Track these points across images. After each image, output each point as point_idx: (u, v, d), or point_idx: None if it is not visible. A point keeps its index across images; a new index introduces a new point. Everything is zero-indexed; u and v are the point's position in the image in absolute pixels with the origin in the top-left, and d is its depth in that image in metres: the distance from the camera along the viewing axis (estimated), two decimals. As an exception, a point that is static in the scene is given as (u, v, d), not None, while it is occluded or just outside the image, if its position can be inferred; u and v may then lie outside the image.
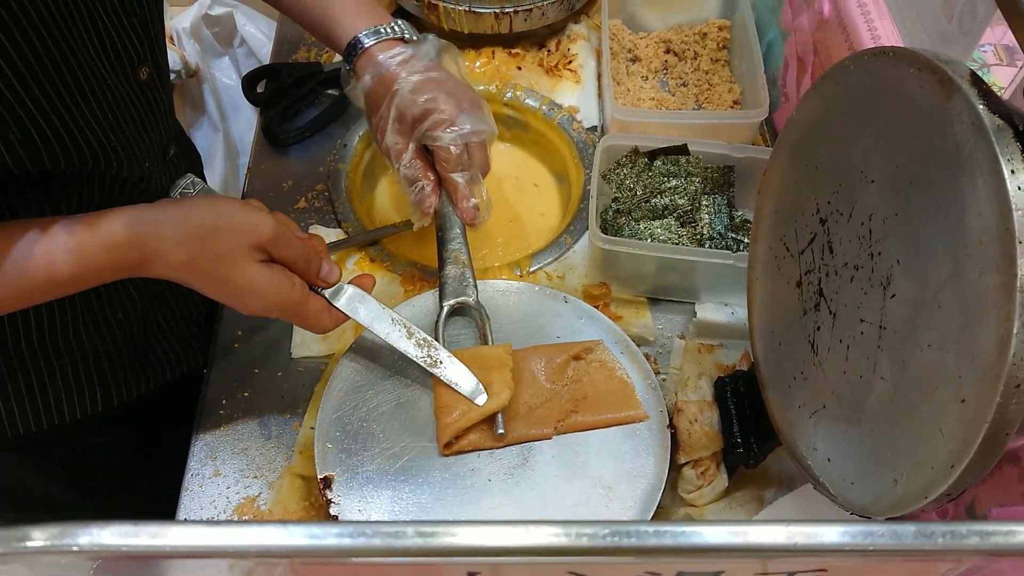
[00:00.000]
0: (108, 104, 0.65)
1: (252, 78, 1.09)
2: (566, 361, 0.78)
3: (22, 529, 0.36)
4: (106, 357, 0.81)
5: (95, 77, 0.63)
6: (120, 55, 0.65)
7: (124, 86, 0.67)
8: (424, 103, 0.76)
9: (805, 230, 0.64)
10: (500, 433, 0.73)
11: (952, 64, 0.48)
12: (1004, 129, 0.44)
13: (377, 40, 0.79)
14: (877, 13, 0.78)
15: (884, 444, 0.53)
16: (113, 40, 0.64)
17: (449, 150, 0.77)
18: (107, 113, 0.65)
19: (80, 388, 0.81)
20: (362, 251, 0.94)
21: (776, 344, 0.69)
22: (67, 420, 0.82)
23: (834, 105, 0.60)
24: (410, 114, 0.77)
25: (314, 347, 0.87)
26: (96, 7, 0.62)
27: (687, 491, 0.76)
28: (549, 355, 0.78)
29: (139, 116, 0.69)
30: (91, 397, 0.82)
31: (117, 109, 0.66)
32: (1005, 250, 0.43)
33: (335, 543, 0.34)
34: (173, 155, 0.78)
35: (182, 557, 0.34)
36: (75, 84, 0.61)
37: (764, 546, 0.34)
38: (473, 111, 0.78)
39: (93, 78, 0.63)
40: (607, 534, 0.34)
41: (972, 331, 0.45)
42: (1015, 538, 0.34)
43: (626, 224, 0.90)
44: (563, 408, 0.75)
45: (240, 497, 0.78)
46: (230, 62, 1.54)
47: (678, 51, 1.12)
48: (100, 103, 0.64)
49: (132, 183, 0.72)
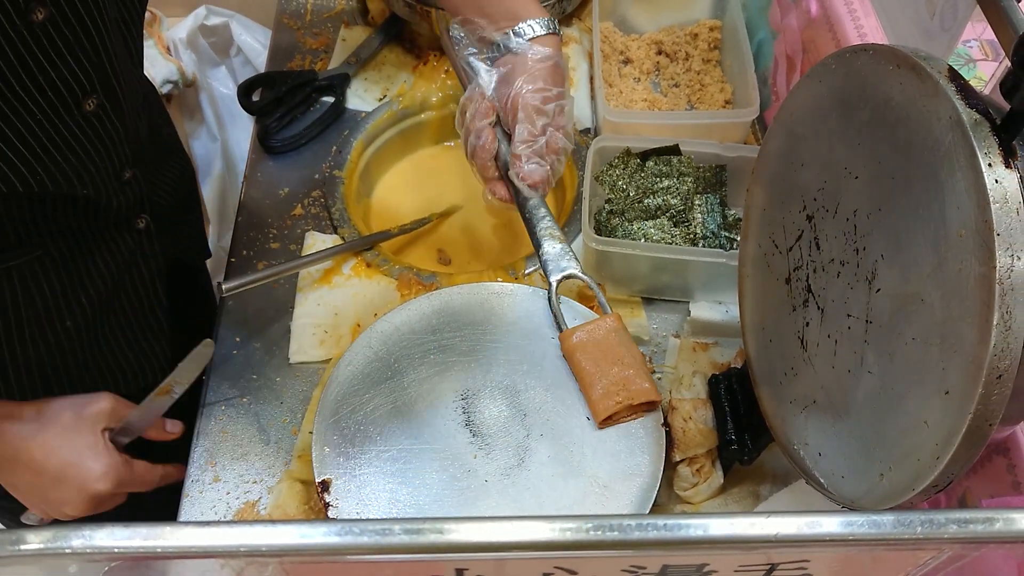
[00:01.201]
0: (32, 141, 0.63)
1: (247, 87, 1.10)
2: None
3: (17, 532, 0.37)
4: (50, 366, 0.79)
5: (21, 113, 0.61)
6: (59, 89, 0.64)
7: (63, 119, 0.65)
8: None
9: (793, 227, 0.64)
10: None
11: (930, 60, 0.49)
12: (981, 123, 0.45)
13: (547, 31, 0.79)
14: (863, 11, 0.79)
15: (872, 437, 0.54)
16: (50, 76, 0.63)
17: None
18: (31, 149, 0.63)
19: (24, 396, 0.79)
20: (358, 256, 0.95)
21: (767, 341, 0.70)
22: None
23: (818, 102, 0.60)
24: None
25: (311, 352, 0.87)
26: (30, 44, 0.60)
27: (683, 488, 0.76)
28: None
29: (84, 145, 0.68)
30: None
31: (56, 139, 0.65)
32: (984, 242, 0.43)
33: (323, 541, 0.34)
34: (129, 178, 0.76)
35: (175, 558, 0.35)
36: (25, 124, 0.61)
37: (745, 538, 0.35)
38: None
39: (17, 114, 0.61)
40: (590, 528, 0.35)
41: (954, 323, 0.46)
42: (993, 526, 0.35)
43: (620, 225, 0.91)
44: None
45: (240, 502, 0.78)
46: (227, 71, 1.55)
47: (670, 52, 1.13)
48: (23, 139, 0.62)
49: (83, 203, 0.72)
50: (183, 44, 1.49)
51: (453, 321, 0.83)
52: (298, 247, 0.97)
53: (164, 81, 1.42)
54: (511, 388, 0.78)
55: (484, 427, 0.76)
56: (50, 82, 0.63)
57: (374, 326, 0.83)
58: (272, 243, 0.97)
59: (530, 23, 0.78)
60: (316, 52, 1.16)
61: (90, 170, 0.70)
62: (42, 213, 0.70)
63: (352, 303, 0.91)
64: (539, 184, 0.77)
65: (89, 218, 0.74)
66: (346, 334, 0.88)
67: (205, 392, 0.85)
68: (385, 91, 1.11)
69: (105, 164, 0.72)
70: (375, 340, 0.82)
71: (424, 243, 1.02)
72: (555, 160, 0.78)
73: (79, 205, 0.72)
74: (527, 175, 0.77)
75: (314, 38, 1.18)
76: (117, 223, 0.78)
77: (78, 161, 0.68)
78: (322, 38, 1.18)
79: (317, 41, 1.18)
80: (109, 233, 0.78)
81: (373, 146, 1.08)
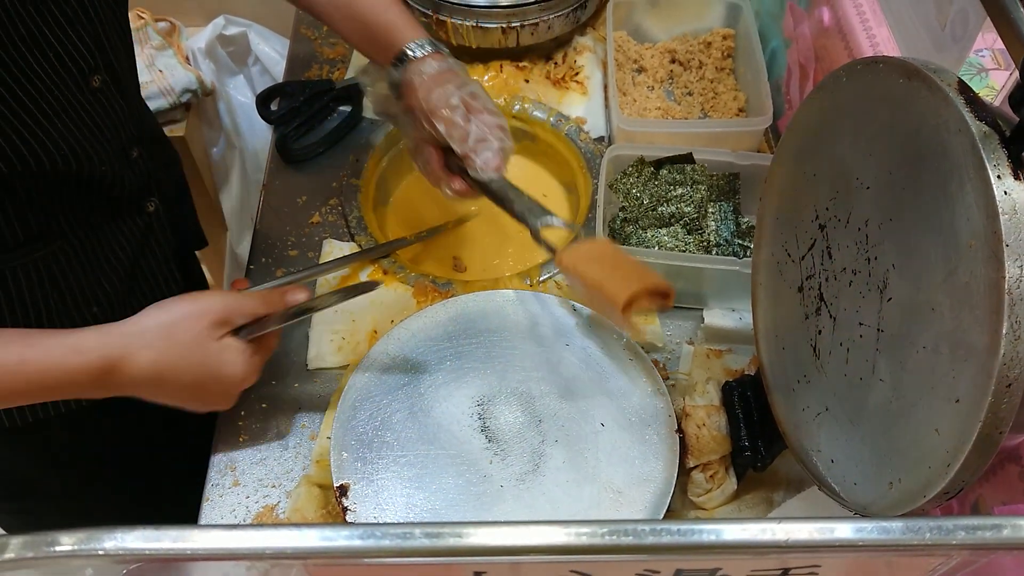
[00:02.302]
0: (56, 111, 0.67)
1: (266, 96, 1.11)
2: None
3: (51, 534, 0.38)
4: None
5: (38, 86, 0.65)
6: (68, 65, 0.68)
7: (75, 94, 0.69)
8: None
9: (805, 236, 0.65)
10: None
11: (940, 73, 0.50)
12: (990, 135, 0.46)
13: (434, 50, 0.83)
14: (875, 21, 0.79)
15: (884, 444, 0.55)
16: (58, 51, 0.67)
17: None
18: (56, 119, 0.67)
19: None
20: (375, 264, 0.96)
21: (780, 348, 0.71)
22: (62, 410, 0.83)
23: (830, 114, 0.61)
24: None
25: (329, 359, 0.89)
26: (36, 20, 0.64)
27: (697, 494, 0.77)
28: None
29: (94, 121, 0.72)
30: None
31: (67, 115, 0.69)
32: (993, 253, 0.44)
33: (346, 544, 0.35)
34: (136, 156, 0.80)
35: (203, 560, 0.36)
36: (10, 94, 0.64)
37: (757, 543, 0.36)
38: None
39: (41, 86, 0.65)
40: (606, 532, 0.35)
41: (964, 333, 0.47)
42: (1001, 532, 0.35)
43: (633, 232, 0.92)
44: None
45: (259, 506, 0.80)
46: (244, 80, 1.57)
47: (683, 61, 1.14)
48: (47, 110, 0.67)
49: (95, 183, 0.74)
50: (202, 53, 1.51)
51: (469, 328, 0.84)
52: (316, 254, 0.98)
53: (184, 90, 1.44)
54: (526, 394, 0.79)
55: (499, 433, 0.77)
56: (59, 58, 0.67)
57: (391, 333, 0.84)
58: (290, 250, 0.99)
59: (410, 47, 0.82)
60: (333, 62, 1.18)
61: (103, 145, 0.73)
62: (60, 198, 0.73)
63: (369, 310, 0.92)
64: (500, 166, 0.80)
65: (103, 199, 0.77)
66: (363, 341, 0.89)
67: (225, 397, 0.87)
68: (401, 100, 1.12)
69: (114, 141, 0.75)
70: (392, 347, 0.83)
71: (440, 251, 1.03)
72: (499, 136, 0.80)
73: (94, 186, 0.74)
74: (484, 165, 0.79)
75: (331, 48, 1.20)
76: (128, 206, 0.81)
77: (92, 137, 0.72)
78: (339, 48, 1.19)
79: (334, 51, 1.19)
80: (122, 218, 0.81)
81: (389, 154, 1.09)
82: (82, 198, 0.75)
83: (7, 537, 0.38)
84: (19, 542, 0.37)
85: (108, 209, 0.79)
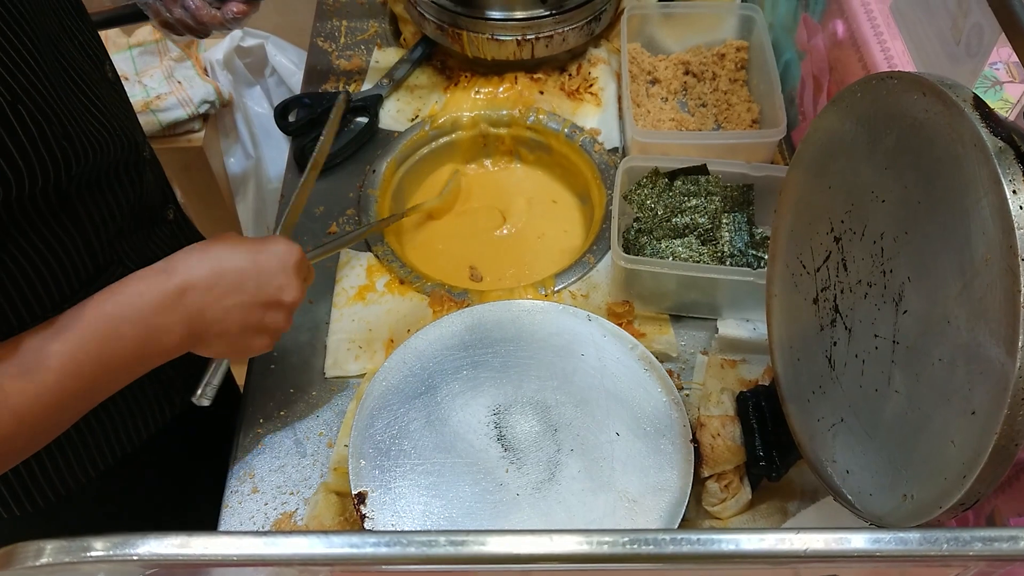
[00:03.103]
0: (95, 98, 0.68)
1: (283, 108, 1.13)
2: None
3: (84, 540, 0.39)
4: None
5: (81, 72, 0.67)
6: (89, 53, 0.69)
7: (99, 83, 0.70)
8: None
9: (820, 248, 0.66)
10: None
11: (955, 88, 0.50)
12: (1006, 151, 0.46)
13: None
14: (889, 34, 0.80)
15: (899, 456, 0.55)
16: (80, 40, 0.68)
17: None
18: (97, 107, 0.68)
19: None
20: (392, 274, 0.97)
21: (795, 359, 0.71)
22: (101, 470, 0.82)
23: (845, 127, 0.62)
24: None
25: (347, 367, 0.90)
26: (60, 12, 0.66)
27: (711, 504, 0.77)
28: None
29: (116, 111, 0.73)
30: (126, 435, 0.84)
31: (104, 102, 0.70)
32: (1009, 267, 0.45)
33: (372, 551, 0.36)
34: (149, 157, 0.81)
35: (232, 566, 0.37)
36: (69, 80, 0.65)
37: (775, 553, 0.36)
38: None
39: (81, 73, 0.67)
40: (626, 542, 0.36)
41: (980, 345, 0.47)
42: (1018, 544, 0.36)
43: (648, 243, 0.92)
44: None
45: (278, 513, 0.80)
46: (261, 91, 1.59)
47: (697, 72, 1.15)
48: (94, 96, 0.68)
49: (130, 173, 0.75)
50: (219, 65, 1.53)
51: (485, 337, 0.85)
52: (333, 263, 0.99)
53: (202, 101, 1.45)
54: (542, 403, 0.80)
55: (515, 442, 0.78)
56: (81, 46, 0.68)
57: (408, 342, 0.85)
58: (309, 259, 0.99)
59: None
60: (350, 74, 1.19)
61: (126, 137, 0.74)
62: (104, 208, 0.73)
63: (385, 319, 0.93)
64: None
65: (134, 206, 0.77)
66: (380, 349, 0.90)
67: (244, 405, 0.88)
68: (417, 112, 1.14)
69: (132, 136, 0.76)
70: (409, 356, 0.84)
71: (456, 260, 1.04)
72: None
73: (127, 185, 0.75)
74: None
75: (348, 60, 1.21)
76: (153, 215, 0.82)
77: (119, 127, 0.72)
78: (355, 60, 1.21)
79: (351, 63, 1.21)
80: (153, 230, 0.82)
81: (405, 165, 1.10)
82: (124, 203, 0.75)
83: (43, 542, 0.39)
84: (55, 547, 0.38)
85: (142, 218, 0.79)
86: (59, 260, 0.69)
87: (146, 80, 1.46)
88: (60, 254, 0.69)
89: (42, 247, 0.67)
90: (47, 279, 0.68)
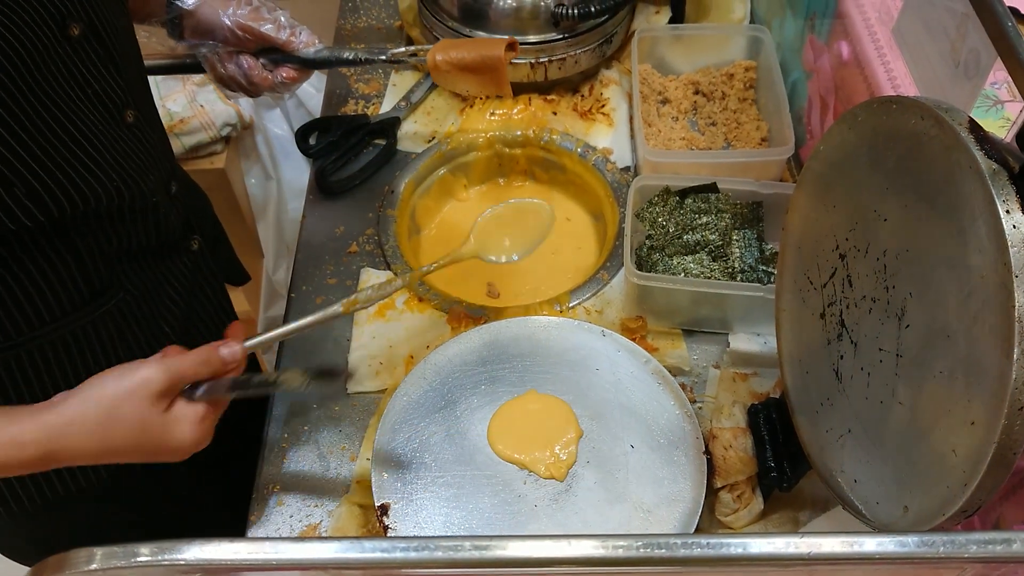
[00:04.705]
0: (100, 148, 0.71)
1: (304, 131, 1.16)
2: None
3: (129, 546, 0.42)
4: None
5: (84, 124, 0.69)
6: (105, 101, 0.71)
7: (114, 130, 0.73)
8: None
9: (826, 265, 0.68)
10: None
11: (952, 112, 0.52)
12: (999, 172, 0.48)
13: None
14: (892, 55, 0.82)
15: (904, 465, 0.57)
16: (95, 89, 0.70)
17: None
18: (103, 155, 0.71)
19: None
20: (410, 291, 1.00)
21: (804, 372, 0.73)
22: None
23: (848, 149, 0.64)
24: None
25: (368, 383, 0.92)
26: (73, 59, 0.68)
27: (724, 514, 0.79)
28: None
29: (135, 156, 0.75)
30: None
31: (112, 151, 0.72)
32: (1003, 283, 0.47)
33: (403, 555, 0.39)
34: (176, 192, 0.84)
35: (272, 570, 0.39)
36: (65, 133, 0.67)
37: (782, 555, 0.38)
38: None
39: (83, 125, 0.69)
40: (640, 545, 0.38)
41: (978, 358, 0.49)
42: (1011, 546, 0.38)
43: (660, 260, 0.95)
44: None
45: (302, 524, 0.83)
46: (281, 114, 1.62)
47: (706, 92, 1.17)
48: (94, 147, 0.70)
49: (144, 219, 0.78)
50: (240, 88, 1.57)
51: (502, 353, 0.88)
52: (354, 283, 1.02)
53: (223, 124, 1.49)
54: (558, 417, 0.82)
55: (533, 454, 0.80)
56: (96, 96, 0.70)
57: (428, 358, 0.88)
58: (329, 279, 1.03)
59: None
60: (368, 97, 1.23)
61: (146, 178, 0.77)
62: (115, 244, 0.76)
63: (405, 336, 0.96)
64: (315, 39, 0.94)
65: (152, 239, 0.80)
66: (400, 366, 0.93)
67: (269, 420, 0.91)
68: (434, 133, 1.17)
69: (154, 175, 0.78)
70: (429, 372, 0.86)
71: (474, 277, 1.06)
72: (292, 19, 0.93)
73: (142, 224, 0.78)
74: (309, 40, 0.92)
75: (366, 84, 1.25)
76: (175, 246, 0.85)
77: (136, 171, 0.75)
78: (374, 84, 1.24)
79: (369, 87, 1.24)
80: (171, 259, 0.85)
81: (423, 186, 1.13)
82: (133, 239, 0.78)
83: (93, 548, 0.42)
84: (104, 553, 0.41)
85: (158, 250, 0.82)
86: (49, 284, 0.72)
87: (169, 104, 1.50)
88: (52, 277, 0.72)
89: (33, 270, 0.70)
90: (36, 301, 0.71)
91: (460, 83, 0.94)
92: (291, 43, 0.91)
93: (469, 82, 0.93)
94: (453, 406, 0.84)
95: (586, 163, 1.12)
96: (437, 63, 0.89)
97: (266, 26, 0.90)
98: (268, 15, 0.90)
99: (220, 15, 0.89)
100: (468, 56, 0.88)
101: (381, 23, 1.33)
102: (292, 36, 0.91)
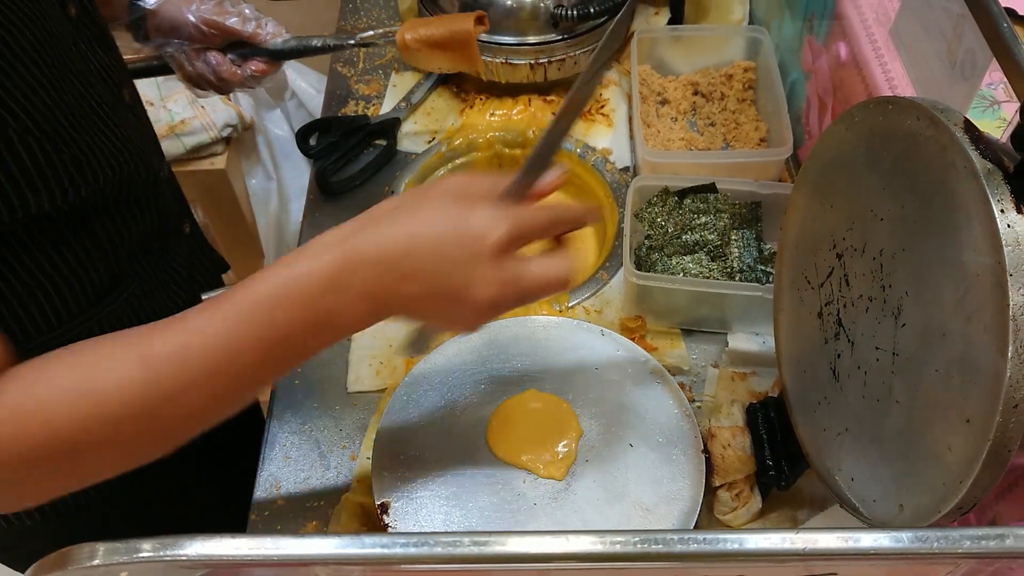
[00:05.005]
0: (113, 124, 0.71)
1: (305, 132, 1.17)
2: None
3: (131, 542, 0.42)
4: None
5: (98, 99, 0.69)
6: (106, 79, 0.72)
7: (115, 106, 0.72)
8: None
9: (823, 264, 0.68)
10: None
11: (947, 112, 0.53)
12: (994, 172, 0.49)
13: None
14: (890, 56, 0.83)
15: (901, 462, 0.57)
16: (96, 66, 0.71)
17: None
18: (118, 130, 0.71)
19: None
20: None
21: (801, 371, 0.74)
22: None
23: (844, 148, 0.64)
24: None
25: (368, 382, 0.93)
26: (75, 38, 0.68)
27: (723, 513, 0.80)
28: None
29: (136, 133, 0.76)
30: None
31: (120, 128, 0.72)
32: (998, 282, 0.47)
33: (402, 551, 0.39)
34: (168, 176, 0.85)
35: (274, 566, 0.40)
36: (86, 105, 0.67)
37: (778, 551, 0.39)
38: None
39: (99, 99, 0.69)
40: (637, 541, 0.39)
41: (973, 356, 0.50)
42: (1004, 542, 0.38)
43: (659, 260, 0.95)
44: None
45: (302, 524, 0.83)
46: (282, 115, 1.63)
47: (705, 92, 1.18)
48: (112, 120, 0.70)
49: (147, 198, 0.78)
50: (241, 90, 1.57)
51: (502, 353, 0.88)
52: (354, 283, 1.02)
53: (224, 125, 1.50)
54: (557, 416, 0.83)
55: (532, 453, 0.80)
56: (98, 71, 0.71)
57: (427, 358, 0.88)
58: (330, 279, 1.03)
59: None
60: (368, 98, 1.23)
61: (146, 158, 0.77)
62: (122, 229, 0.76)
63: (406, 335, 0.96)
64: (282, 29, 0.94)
65: (155, 225, 0.80)
66: (400, 365, 0.93)
67: (270, 420, 0.91)
68: (434, 134, 1.17)
69: (147, 158, 0.78)
70: (429, 371, 0.87)
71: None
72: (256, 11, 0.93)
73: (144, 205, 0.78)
74: (276, 31, 0.92)
75: (366, 84, 1.25)
76: (171, 230, 0.86)
77: (141, 148, 0.75)
78: (374, 85, 1.25)
79: (369, 87, 1.25)
80: (171, 246, 0.86)
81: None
82: (142, 224, 0.78)
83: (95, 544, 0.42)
84: (107, 548, 0.42)
85: (161, 235, 0.83)
86: (75, 274, 0.72)
87: (171, 105, 1.50)
88: (76, 268, 0.72)
89: (58, 260, 0.70)
90: (64, 292, 0.71)
91: (432, 61, 0.94)
92: (257, 35, 0.91)
93: (440, 59, 0.92)
94: (453, 405, 0.84)
95: (585, 163, 1.12)
96: (407, 42, 0.89)
97: (231, 19, 0.90)
98: (232, 8, 0.90)
99: (184, 12, 0.89)
100: (437, 32, 0.87)
101: (381, 24, 1.34)
102: (258, 28, 0.92)
